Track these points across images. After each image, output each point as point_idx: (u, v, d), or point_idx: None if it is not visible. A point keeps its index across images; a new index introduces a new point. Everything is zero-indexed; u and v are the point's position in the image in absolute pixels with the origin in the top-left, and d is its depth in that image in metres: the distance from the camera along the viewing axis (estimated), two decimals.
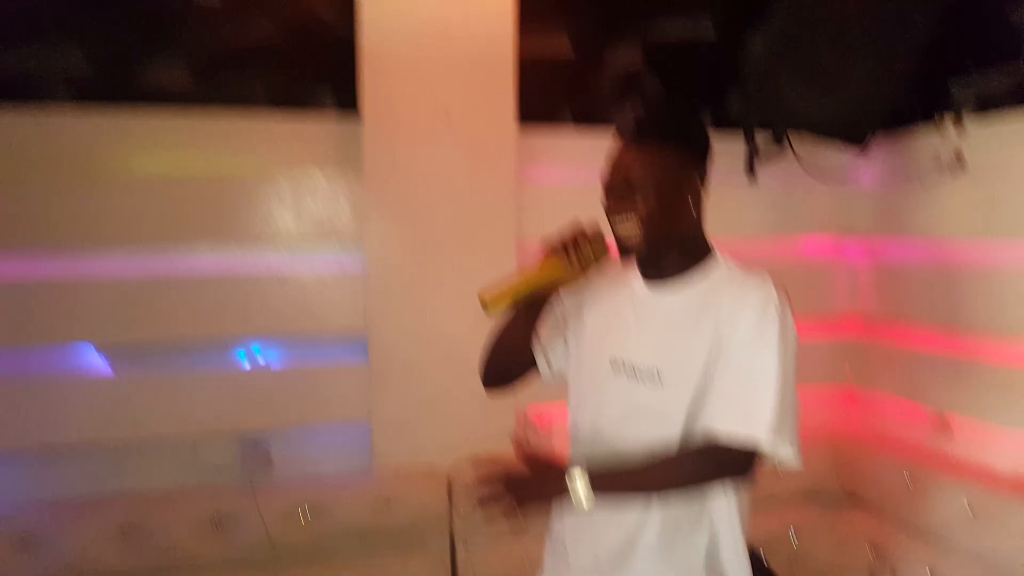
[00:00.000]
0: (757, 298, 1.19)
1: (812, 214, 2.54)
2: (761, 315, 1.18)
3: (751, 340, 1.17)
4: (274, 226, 2.12)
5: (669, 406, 1.24)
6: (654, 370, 1.24)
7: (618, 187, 1.24)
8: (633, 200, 1.23)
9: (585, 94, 2.37)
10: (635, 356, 1.27)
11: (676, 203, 1.25)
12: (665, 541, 1.26)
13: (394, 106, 2.12)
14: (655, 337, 1.26)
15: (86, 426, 2.04)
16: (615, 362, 1.29)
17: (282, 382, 2.16)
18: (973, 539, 2.00)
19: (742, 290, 1.21)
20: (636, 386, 1.26)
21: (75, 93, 2.00)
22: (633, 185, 1.23)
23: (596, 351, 1.33)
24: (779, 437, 1.15)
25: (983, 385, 2.11)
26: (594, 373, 1.32)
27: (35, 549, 1.91)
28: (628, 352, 1.28)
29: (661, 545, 1.26)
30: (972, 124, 2.14)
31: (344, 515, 2.08)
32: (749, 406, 1.16)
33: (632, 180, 1.23)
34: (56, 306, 1.99)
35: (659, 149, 1.23)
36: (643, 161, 1.23)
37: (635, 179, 1.23)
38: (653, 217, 1.23)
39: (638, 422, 1.26)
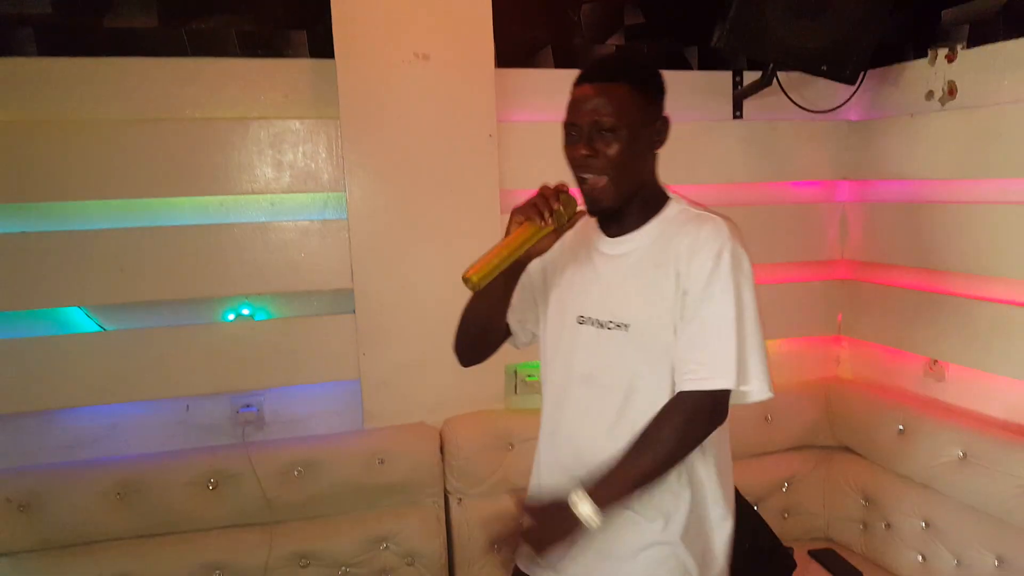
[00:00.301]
0: (711, 247, 1.21)
1: (800, 153, 2.48)
2: (715, 265, 1.20)
3: (706, 291, 1.20)
4: (254, 177, 2.08)
5: (641, 353, 1.25)
6: (622, 323, 1.25)
7: (589, 133, 1.20)
8: (605, 148, 1.20)
9: (566, 35, 2.30)
10: (602, 311, 1.27)
11: (643, 150, 1.24)
12: (648, 504, 1.26)
13: (368, 51, 2.06)
14: (621, 290, 1.27)
15: (77, 388, 2.03)
16: (583, 319, 1.29)
17: (271, 341, 2.14)
18: (966, 487, 2.00)
19: (697, 239, 1.22)
20: (607, 338, 1.26)
21: (44, 43, 1.94)
22: (604, 131, 1.20)
23: (563, 309, 1.33)
24: (743, 375, 1.17)
25: (976, 331, 2.08)
26: (562, 331, 1.32)
27: (31, 511, 1.93)
28: (595, 308, 1.28)
29: (643, 506, 1.26)
30: (965, 56, 2.07)
31: (338, 473, 2.09)
32: (710, 355, 1.18)
33: (604, 125, 1.19)
34: (39, 265, 1.97)
35: (627, 92, 1.21)
36: (613, 105, 1.19)
37: (607, 124, 1.19)
38: (624, 166, 1.21)
39: (611, 373, 1.27)
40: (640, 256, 1.26)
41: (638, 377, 1.25)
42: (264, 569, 2.03)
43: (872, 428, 2.30)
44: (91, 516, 1.97)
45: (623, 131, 1.20)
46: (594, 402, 1.29)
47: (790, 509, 2.43)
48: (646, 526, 1.27)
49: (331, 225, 2.14)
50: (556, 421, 1.35)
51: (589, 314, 1.29)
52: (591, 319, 1.29)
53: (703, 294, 1.19)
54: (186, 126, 2.03)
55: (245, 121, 2.06)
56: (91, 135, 1.97)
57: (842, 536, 2.39)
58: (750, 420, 2.40)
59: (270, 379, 2.16)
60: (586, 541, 1.23)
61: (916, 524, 2.13)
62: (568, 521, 1.18)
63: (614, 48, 2.34)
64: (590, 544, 1.24)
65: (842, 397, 2.45)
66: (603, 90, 1.20)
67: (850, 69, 2.14)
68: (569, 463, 1.31)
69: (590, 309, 1.29)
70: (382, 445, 2.13)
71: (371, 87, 2.08)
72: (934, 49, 2.14)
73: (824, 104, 2.38)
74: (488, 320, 1.36)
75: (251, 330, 2.15)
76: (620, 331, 1.25)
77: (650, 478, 1.20)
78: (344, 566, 2.09)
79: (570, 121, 1.24)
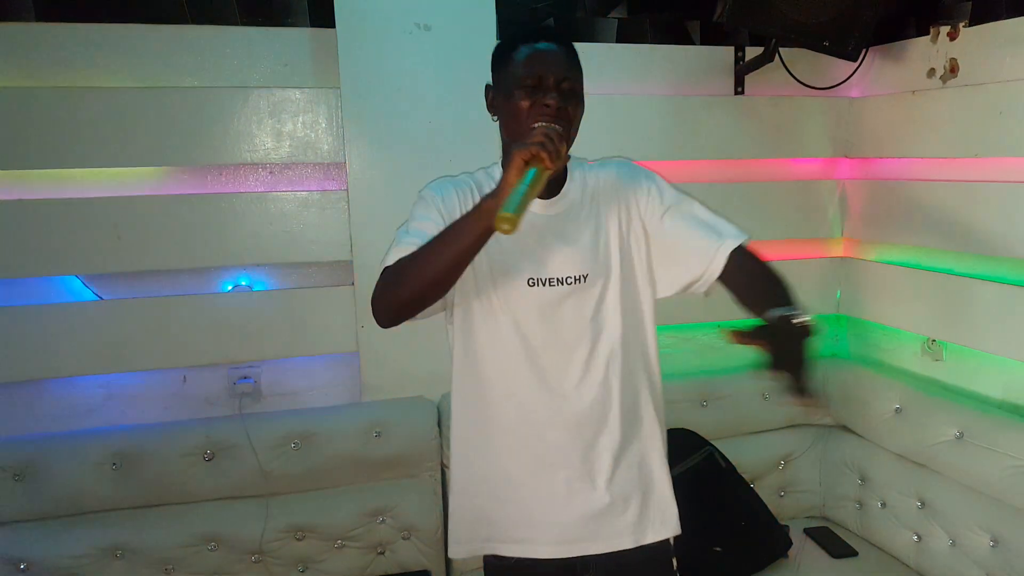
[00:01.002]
0: (632, 172, 1.37)
1: (801, 130, 2.47)
2: (650, 181, 1.36)
3: (667, 199, 1.34)
4: (254, 146, 2.07)
5: (602, 299, 1.31)
6: (580, 275, 1.29)
7: (560, 89, 1.23)
8: (570, 108, 1.24)
9: (568, 7, 2.29)
10: (554, 269, 1.29)
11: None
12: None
13: (369, 21, 2.05)
14: (571, 245, 1.30)
15: (73, 358, 2.02)
16: (533, 281, 1.29)
17: (269, 312, 2.13)
18: (962, 466, 2.01)
19: (618, 174, 1.36)
20: (564, 294, 1.30)
21: (43, 9, 1.92)
22: (572, 92, 1.25)
23: (506, 276, 1.30)
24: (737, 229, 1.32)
25: (975, 310, 2.09)
26: (507, 298, 1.30)
27: (28, 481, 1.92)
28: (545, 268, 1.29)
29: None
30: (967, 34, 2.07)
31: (335, 446, 2.08)
32: (724, 226, 1.33)
33: (572, 86, 1.25)
34: (36, 233, 1.96)
35: (578, 59, 1.29)
36: (577, 68, 1.27)
37: (574, 87, 1.26)
38: (575, 131, 1.27)
39: (573, 328, 1.30)
40: (577, 209, 1.32)
41: (601, 323, 1.31)
42: (259, 541, 2.02)
43: (869, 407, 2.30)
44: (87, 486, 1.96)
45: (580, 93, 1.27)
46: (558, 360, 1.31)
47: (786, 487, 2.43)
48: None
49: (330, 196, 2.13)
50: (509, 388, 1.33)
51: (539, 275, 1.28)
52: (541, 279, 1.28)
53: (670, 201, 1.33)
54: (185, 94, 2.02)
55: (245, 90, 2.05)
56: (89, 102, 1.96)
57: (838, 514, 2.39)
58: (747, 398, 2.40)
59: (268, 351, 2.15)
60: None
61: (911, 503, 2.13)
62: (797, 333, 1.14)
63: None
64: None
65: (839, 375, 2.45)
66: (564, 51, 1.26)
67: (852, 46, 2.13)
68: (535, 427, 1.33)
69: (540, 270, 1.28)
70: (380, 418, 2.12)
71: (372, 57, 2.06)
72: (936, 27, 2.14)
73: (826, 81, 2.38)
74: (449, 276, 1.20)
75: (249, 301, 2.14)
76: (577, 284, 1.29)
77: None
78: (340, 539, 2.09)
79: (534, 72, 1.22)
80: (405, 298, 1.20)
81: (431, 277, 1.17)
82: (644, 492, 1.38)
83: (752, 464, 2.36)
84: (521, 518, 1.36)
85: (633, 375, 1.36)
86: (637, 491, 1.37)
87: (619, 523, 1.36)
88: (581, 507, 1.34)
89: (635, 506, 1.36)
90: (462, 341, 1.35)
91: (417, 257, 1.18)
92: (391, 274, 1.21)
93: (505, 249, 1.27)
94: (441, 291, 1.22)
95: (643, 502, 1.37)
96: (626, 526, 1.36)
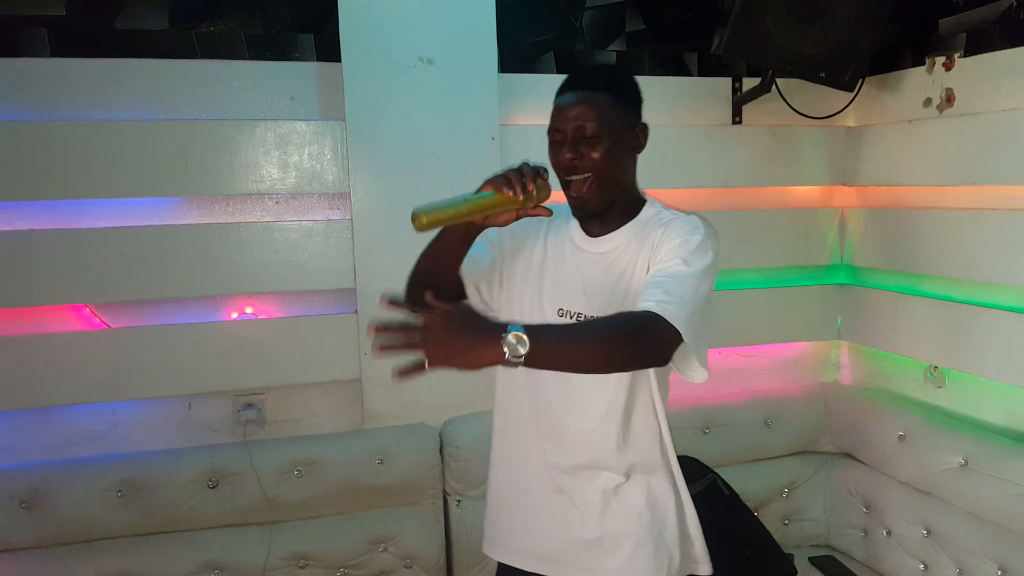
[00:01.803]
0: (684, 224, 1.29)
1: (799, 159, 2.50)
2: (688, 235, 1.26)
3: (676, 253, 1.23)
4: (260, 177, 2.11)
5: None
6: (600, 315, 1.29)
7: (573, 139, 1.27)
8: (589, 152, 1.26)
9: (568, 40, 2.34)
10: (580, 304, 1.32)
11: (623, 155, 1.32)
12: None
13: (374, 55, 2.10)
14: (599, 284, 1.32)
15: (80, 385, 2.04)
16: (562, 312, 1.34)
17: (274, 340, 2.16)
18: (967, 494, 2.00)
19: (668, 227, 1.30)
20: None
21: (57, 44, 1.98)
22: (588, 137, 1.27)
23: (539, 302, 1.36)
24: (688, 326, 1.14)
25: (976, 337, 2.09)
26: (535, 319, 1.34)
27: (35, 508, 1.93)
28: (574, 302, 1.33)
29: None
30: (963, 64, 2.10)
31: (338, 473, 2.09)
32: (676, 300, 1.16)
33: (587, 131, 1.27)
34: (46, 262, 1.99)
35: (607, 99, 1.29)
36: (595, 111, 1.27)
37: (590, 131, 1.27)
38: (606, 169, 1.28)
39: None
40: (619, 253, 1.33)
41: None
42: (263, 568, 2.03)
43: (872, 434, 2.30)
44: (93, 513, 1.97)
45: (605, 137, 1.27)
46: (579, 393, 1.34)
47: (790, 515, 2.42)
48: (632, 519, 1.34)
49: (335, 225, 2.17)
50: (520, 405, 1.40)
51: (568, 307, 1.34)
52: (569, 311, 1.34)
53: (675, 254, 1.23)
54: (194, 126, 2.06)
55: (252, 122, 2.09)
56: (101, 135, 2.00)
57: (842, 543, 2.38)
58: (750, 425, 2.40)
59: (272, 378, 2.17)
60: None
61: (917, 531, 2.12)
62: (486, 331, 1.02)
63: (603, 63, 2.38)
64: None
65: (842, 403, 2.45)
66: (585, 98, 1.29)
67: (848, 76, 2.17)
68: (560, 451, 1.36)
69: (569, 302, 1.34)
70: (382, 446, 2.13)
71: (377, 90, 2.11)
72: (932, 57, 2.17)
73: (822, 110, 2.41)
74: (437, 272, 1.37)
75: (254, 329, 2.17)
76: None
77: (580, 354, 1.10)
78: (342, 567, 2.09)
79: (554, 127, 1.31)
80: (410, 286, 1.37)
81: (412, 273, 1.38)
82: (643, 536, 1.35)
83: (756, 492, 2.35)
84: (518, 527, 1.43)
85: (641, 417, 1.36)
86: (635, 533, 1.35)
87: (609, 560, 1.35)
88: (570, 533, 1.37)
89: (627, 548, 1.35)
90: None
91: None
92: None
93: (554, 276, 1.35)
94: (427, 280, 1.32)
95: (639, 546, 1.35)
96: (617, 566, 1.35)
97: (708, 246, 1.25)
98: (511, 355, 1.00)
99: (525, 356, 1.00)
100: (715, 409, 2.40)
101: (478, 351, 1.01)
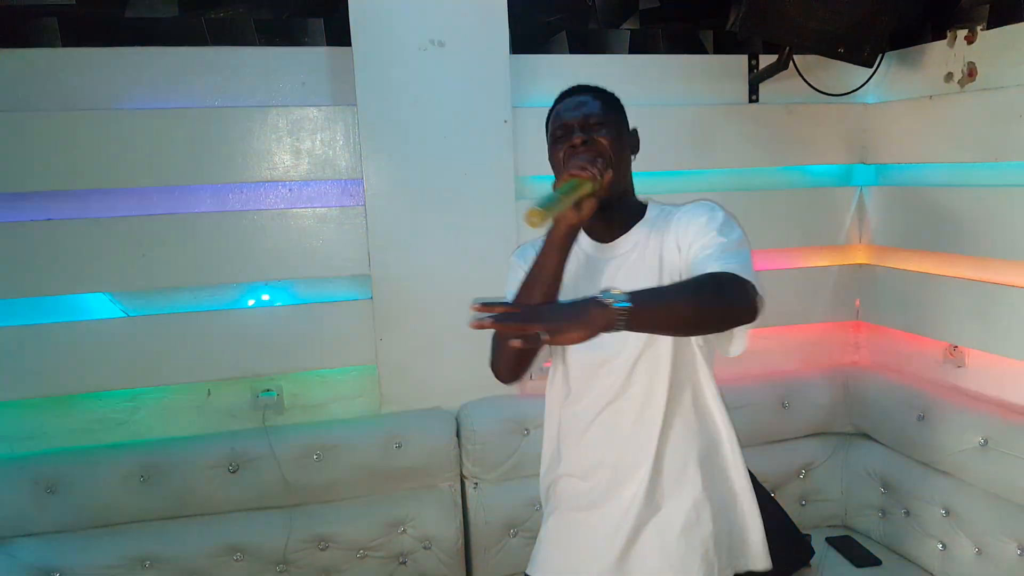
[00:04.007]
0: (698, 206, 1.30)
1: (817, 137, 2.46)
2: (708, 212, 1.27)
3: (703, 227, 1.25)
4: (273, 164, 2.11)
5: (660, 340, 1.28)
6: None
7: (583, 127, 1.28)
8: (598, 138, 1.27)
9: (580, 20, 2.31)
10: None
11: (626, 150, 1.34)
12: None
13: (384, 39, 2.08)
14: (630, 284, 1.26)
15: (101, 373, 2.07)
16: None
17: (290, 326, 2.17)
18: (987, 474, 1.98)
19: (684, 209, 1.32)
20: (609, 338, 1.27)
21: (68, 33, 1.98)
22: (595, 124, 1.28)
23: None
24: (757, 284, 1.18)
25: (996, 316, 2.06)
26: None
27: (59, 493, 1.97)
28: None
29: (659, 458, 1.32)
30: (985, 38, 2.05)
31: (356, 457, 2.11)
32: (724, 257, 1.19)
33: (594, 120, 1.28)
34: (64, 251, 2.01)
35: (606, 99, 1.33)
36: (600, 103, 1.31)
37: (597, 119, 1.29)
38: (615, 156, 1.28)
39: (617, 370, 1.31)
40: (640, 249, 1.32)
41: (664, 361, 1.29)
42: (283, 551, 2.06)
43: (891, 414, 2.28)
44: (115, 498, 2.00)
45: (610, 125, 1.29)
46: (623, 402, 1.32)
47: (808, 496, 2.42)
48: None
49: (348, 212, 2.17)
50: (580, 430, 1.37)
51: None
52: None
53: (706, 230, 1.23)
54: (206, 114, 2.07)
55: (264, 109, 2.09)
56: (113, 124, 2.01)
57: (860, 523, 2.37)
58: (767, 406, 2.39)
59: (289, 364, 2.19)
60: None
61: (936, 512, 2.11)
62: (581, 303, 1.05)
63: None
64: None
65: (860, 383, 2.43)
66: (585, 97, 1.32)
67: (868, 51, 2.12)
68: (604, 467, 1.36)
69: None
70: (399, 430, 2.15)
71: (387, 74, 2.10)
72: (953, 31, 2.12)
73: (841, 87, 2.37)
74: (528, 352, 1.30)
75: (271, 316, 2.18)
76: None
77: (675, 311, 1.11)
78: (362, 549, 2.11)
79: (560, 123, 1.31)
80: (505, 372, 1.33)
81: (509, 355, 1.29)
82: (689, 543, 1.31)
83: (773, 473, 2.35)
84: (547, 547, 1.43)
85: (682, 421, 1.33)
86: (679, 543, 1.31)
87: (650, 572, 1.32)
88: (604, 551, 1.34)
89: (674, 557, 1.32)
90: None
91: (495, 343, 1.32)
92: (492, 342, 1.33)
93: (567, 291, 1.31)
94: (525, 360, 1.30)
95: (687, 553, 1.31)
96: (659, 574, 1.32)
97: (733, 222, 1.26)
98: (619, 317, 1.02)
99: (628, 314, 1.02)
100: (732, 390, 2.33)
101: (588, 314, 1.02)
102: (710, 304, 1.12)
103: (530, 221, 1.12)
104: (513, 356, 1.28)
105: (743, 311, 1.14)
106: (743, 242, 1.23)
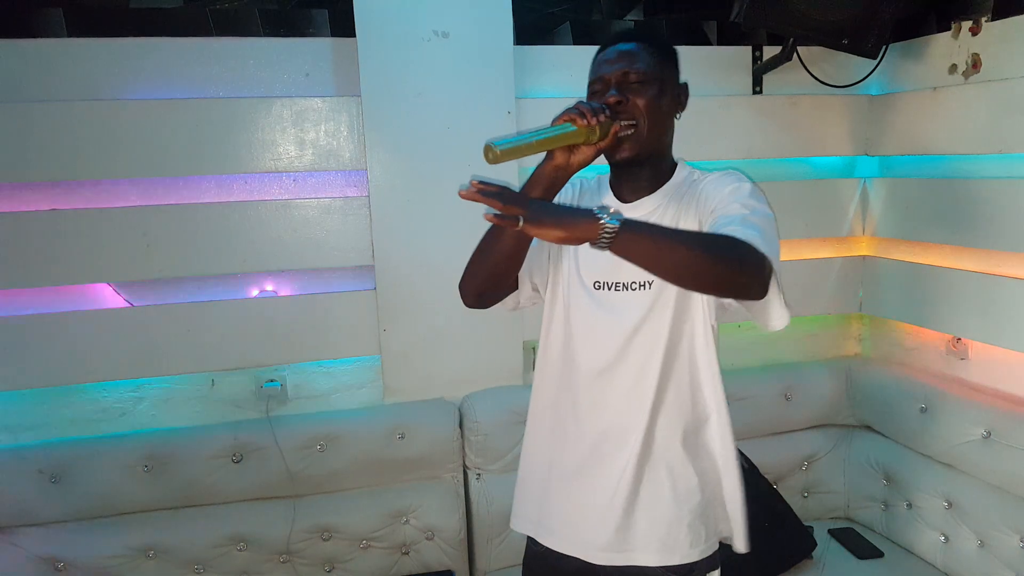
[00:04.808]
0: (725, 175, 1.25)
1: (821, 128, 2.46)
2: (735, 182, 1.22)
3: (727, 197, 1.19)
4: (278, 155, 2.11)
5: (667, 308, 1.26)
6: (645, 281, 1.25)
7: (620, 85, 1.22)
8: (635, 97, 1.21)
9: (584, 10, 2.30)
10: (622, 273, 1.26)
11: (666, 109, 1.26)
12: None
13: (388, 30, 2.08)
14: None
15: (106, 363, 2.07)
16: (599, 284, 1.29)
17: (294, 316, 2.17)
18: (990, 466, 1.99)
19: (710, 177, 1.26)
20: (624, 298, 1.26)
21: (73, 24, 1.98)
22: (633, 82, 1.22)
23: (578, 274, 1.32)
24: (777, 263, 1.10)
25: (1000, 308, 2.06)
26: (573, 296, 1.32)
27: (63, 483, 1.97)
28: (613, 272, 1.27)
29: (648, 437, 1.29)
30: (990, 29, 2.04)
31: (359, 448, 2.12)
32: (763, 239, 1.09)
33: (633, 77, 1.22)
34: (68, 241, 2.01)
35: (651, 51, 1.25)
36: (641, 59, 1.23)
37: (636, 76, 1.22)
38: (651, 115, 1.22)
39: (639, 334, 1.27)
40: (659, 216, 1.26)
41: (663, 333, 1.25)
42: (287, 541, 2.06)
43: (894, 407, 2.28)
44: (119, 488, 2.01)
45: (651, 83, 1.22)
46: (620, 368, 1.28)
47: (810, 488, 2.42)
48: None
49: (352, 202, 2.17)
50: (574, 394, 1.33)
51: (604, 278, 1.28)
52: (607, 283, 1.28)
53: (730, 200, 1.17)
54: (211, 105, 2.06)
55: (268, 100, 2.09)
56: (118, 115, 2.01)
57: (862, 515, 2.38)
58: (770, 398, 2.39)
59: (293, 354, 2.19)
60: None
61: (938, 504, 2.11)
62: (580, 212, 1.02)
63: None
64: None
65: (863, 375, 2.43)
66: (629, 49, 1.24)
67: (872, 43, 2.12)
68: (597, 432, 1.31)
69: (604, 274, 1.28)
70: (402, 420, 2.15)
71: (392, 65, 2.10)
72: (958, 21, 2.12)
73: (845, 78, 2.36)
74: (507, 264, 1.29)
75: (274, 306, 2.18)
76: (642, 290, 1.25)
77: (674, 253, 1.04)
78: (365, 539, 2.12)
79: (596, 78, 1.25)
80: (473, 286, 1.33)
81: (476, 262, 1.30)
82: (678, 512, 1.30)
83: (775, 465, 2.35)
84: (548, 509, 1.37)
85: (675, 394, 1.30)
86: (669, 510, 1.30)
87: (642, 539, 1.30)
88: (602, 515, 1.30)
89: (662, 524, 1.30)
90: (543, 327, 1.39)
91: (477, 248, 1.30)
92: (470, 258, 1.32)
93: (578, 251, 1.30)
94: (499, 274, 1.30)
95: (675, 521, 1.30)
96: (649, 542, 1.30)
97: (760, 195, 1.20)
98: (603, 232, 0.99)
99: (615, 234, 0.99)
100: (734, 382, 2.36)
101: (575, 219, 1.00)
102: (711, 260, 1.03)
103: (486, 157, 1.09)
104: (485, 270, 1.27)
105: (748, 282, 1.06)
106: (768, 217, 1.15)
